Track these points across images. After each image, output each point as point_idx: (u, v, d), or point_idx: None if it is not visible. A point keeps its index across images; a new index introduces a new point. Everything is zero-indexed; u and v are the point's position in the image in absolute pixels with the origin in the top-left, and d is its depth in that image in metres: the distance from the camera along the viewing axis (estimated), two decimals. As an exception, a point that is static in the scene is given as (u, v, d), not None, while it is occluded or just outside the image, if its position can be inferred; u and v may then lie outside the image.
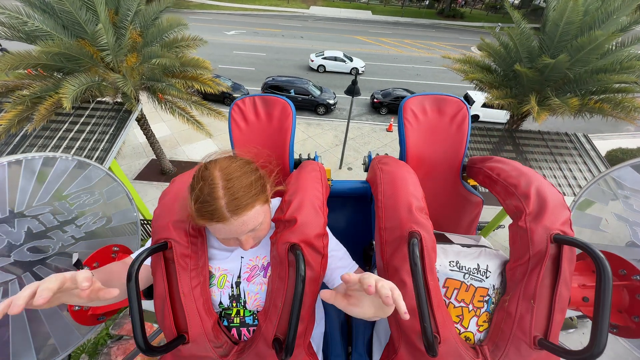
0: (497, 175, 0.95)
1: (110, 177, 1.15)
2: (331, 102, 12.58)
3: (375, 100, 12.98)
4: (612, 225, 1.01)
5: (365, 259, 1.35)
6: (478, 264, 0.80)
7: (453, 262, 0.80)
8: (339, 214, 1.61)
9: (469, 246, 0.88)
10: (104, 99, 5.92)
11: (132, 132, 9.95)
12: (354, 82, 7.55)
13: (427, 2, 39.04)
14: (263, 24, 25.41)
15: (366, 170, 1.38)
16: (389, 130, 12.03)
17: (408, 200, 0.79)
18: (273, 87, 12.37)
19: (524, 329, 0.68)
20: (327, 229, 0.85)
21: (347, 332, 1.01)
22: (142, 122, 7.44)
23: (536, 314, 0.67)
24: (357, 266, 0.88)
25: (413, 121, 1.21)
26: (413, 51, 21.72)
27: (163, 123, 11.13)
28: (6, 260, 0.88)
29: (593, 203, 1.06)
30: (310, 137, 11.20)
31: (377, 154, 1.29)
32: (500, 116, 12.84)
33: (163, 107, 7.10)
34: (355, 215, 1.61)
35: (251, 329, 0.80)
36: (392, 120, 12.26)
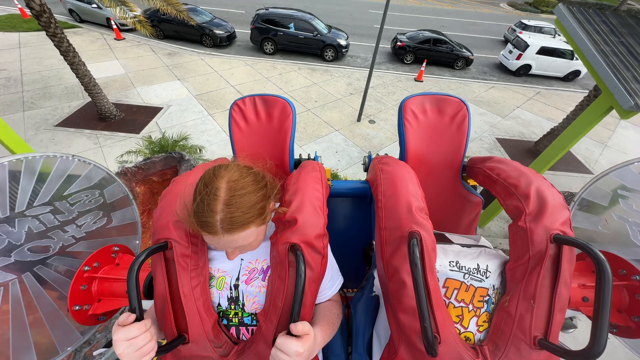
0: (497, 175, 0.95)
1: (111, 177, 1.15)
2: (342, 43, 9.80)
3: (398, 44, 10.38)
4: (612, 225, 1.01)
5: (365, 259, 1.35)
6: (478, 264, 0.80)
7: (453, 262, 0.80)
8: (339, 214, 1.61)
9: (469, 246, 0.88)
10: None
11: (67, 69, 7.74)
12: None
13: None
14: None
15: (366, 170, 1.38)
16: (418, 79, 9.72)
17: (408, 200, 0.79)
18: (267, 22, 9.78)
19: (524, 329, 0.68)
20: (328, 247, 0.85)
21: (347, 332, 1.01)
22: (52, 30, 5.01)
23: (536, 314, 0.67)
24: (337, 290, 0.91)
25: (413, 121, 1.22)
26: (435, 3, 18.96)
27: (116, 61, 9.13)
28: (7, 260, 0.88)
29: (593, 203, 1.06)
30: (316, 83, 9.06)
31: (377, 154, 1.29)
32: (559, 67, 10.39)
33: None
34: (355, 215, 1.61)
35: (250, 328, 0.80)
36: (423, 67, 9.75)
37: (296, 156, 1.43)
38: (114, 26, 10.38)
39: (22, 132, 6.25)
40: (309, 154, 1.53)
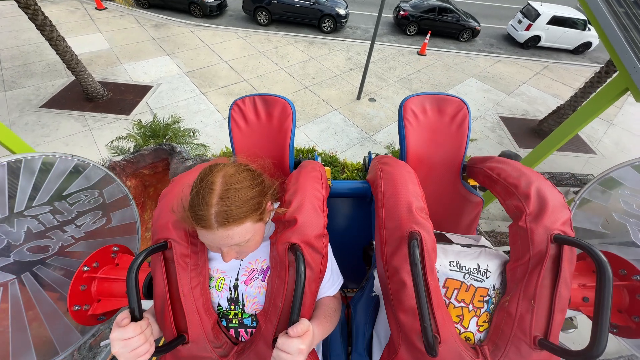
0: (497, 175, 0.95)
1: (110, 177, 1.15)
2: (342, 12, 9.16)
3: (401, 13, 9.86)
4: (613, 225, 1.01)
5: (365, 259, 1.35)
6: (478, 264, 0.80)
7: (453, 262, 0.80)
8: (339, 214, 1.61)
9: (469, 246, 0.88)
10: None
11: (47, 44, 6.39)
12: None
13: None
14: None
15: (366, 170, 1.38)
16: (421, 53, 9.31)
17: (408, 200, 0.79)
18: None
19: (524, 329, 0.67)
20: (328, 247, 0.85)
21: (347, 331, 1.01)
22: (24, 1, 4.63)
23: (536, 314, 0.67)
24: (338, 289, 0.90)
25: (413, 121, 1.22)
26: None
27: (99, 34, 8.47)
28: (6, 260, 0.88)
29: (593, 203, 1.06)
30: (313, 58, 8.59)
31: (377, 154, 1.29)
32: (569, 39, 10.01)
33: None
34: (355, 215, 1.61)
35: (249, 330, 0.80)
36: (427, 40, 9.31)
37: (295, 147, 1.43)
38: (93, -7, 9.52)
39: (5, 114, 5.86)
40: (308, 155, 1.52)
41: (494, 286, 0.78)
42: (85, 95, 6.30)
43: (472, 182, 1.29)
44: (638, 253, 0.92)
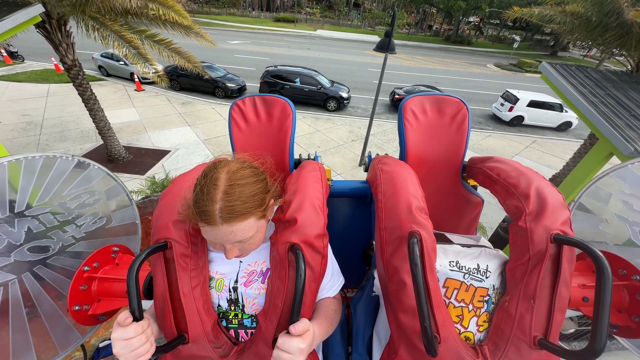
0: (497, 175, 0.95)
1: (110, 177, 1.15)
2: (344, 95, 10.91)
3: (396, 97, 11.63)
4: (612, 225, 1.01)
5: (365, 259, 1.35)
6: (478, 264, 0.80)
7: (453, 262, 0.80)
8: (339, 214, 1.61)
9: (469, 246, 0.88)
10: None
11: (86, 115, 7.71)
12: (388, 34, 5.57)
13: (433, 29, 40.12)
14: (268, 38, 25.48)
15: (366, 170, 1.38)
16: None
17: (408, 200, 0.79)
18: (275, 77, 10.96)
19: (524, 329, 0.68)
20: (328, 248, 0.85)
21: (347, 332, 1.01)
22: (79, 81, 5.61)
23: (536, 314, 0.67)
24: (339, 290, 0.90)
25: (413, 121, 1.22)
26: (427, 64, 21.45)
27: (133, 109, 9.95)
28: (6, 260, 0.88)
29: (593, 203, 1.06)
30: (319, 130, 9.66)
31: (377, 154, 1.29)
32: (550, 119, 11.25)
33: (91, 30, 5.17)
34: (355, 215, 1.61)
35: (249, 331, 0.80)
36: None
37: (296, 156, 1.43)
38: (136, 79, 11.67)
39: (28, 173, 6.75)
40: (309, 154, 1.53)
41: (493, 286, 0.78)
42: (108, 157, 7.06)
43: (472, 182, 1.29)
44: (638, 253, 0.92)
